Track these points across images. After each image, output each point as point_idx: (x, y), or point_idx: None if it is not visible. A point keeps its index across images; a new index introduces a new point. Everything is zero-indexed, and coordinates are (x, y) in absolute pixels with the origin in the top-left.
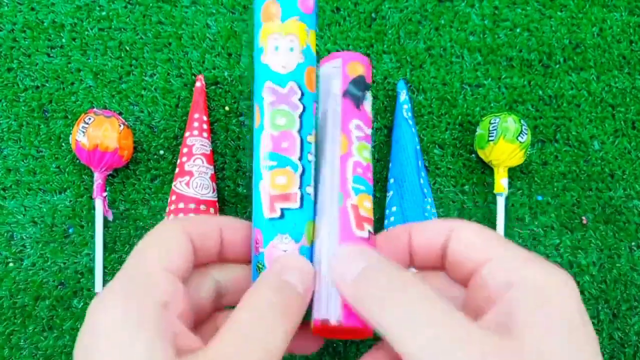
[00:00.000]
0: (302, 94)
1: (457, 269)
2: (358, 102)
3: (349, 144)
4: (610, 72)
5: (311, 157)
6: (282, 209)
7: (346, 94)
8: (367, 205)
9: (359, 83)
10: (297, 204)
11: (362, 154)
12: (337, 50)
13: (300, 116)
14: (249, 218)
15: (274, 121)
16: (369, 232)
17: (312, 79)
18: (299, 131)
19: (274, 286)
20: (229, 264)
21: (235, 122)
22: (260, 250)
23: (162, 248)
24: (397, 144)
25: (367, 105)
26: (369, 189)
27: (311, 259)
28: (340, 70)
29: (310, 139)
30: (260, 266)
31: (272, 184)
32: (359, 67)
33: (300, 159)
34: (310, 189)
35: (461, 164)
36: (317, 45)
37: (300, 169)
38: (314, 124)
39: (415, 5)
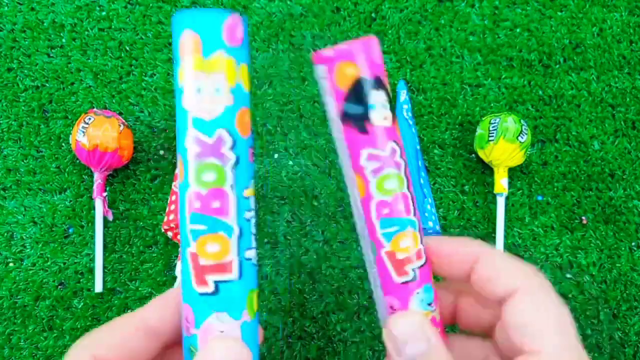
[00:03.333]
0: (234, 142)
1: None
2: (362, 122)
3: (365, 184)
4: (610, 72)
5: (249, 215)
6: (215, 282)
7: (344, 117)
8: (405, 245)
9: (358, 94)
10: (234, 275)
11: (385, 189)
12: None
13: (233, 168)
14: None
15: (200, 177)
16: (413, 270)
17: (247, 122)
18: (232, 186)
19: None
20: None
21: None
22: (192, 331)
23: None
24: None
25: (378, 114)
26: (404, 223)
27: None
28: (328, 82)
29: (248, 192)
30: (194, 349)
31: (201, 253)
32: (351, 69)
33: (237, 219)
34: (250, 253)
35: (461, 164)
36: (316, 45)
37: (236, 232)
38: (252, 173)
39: (415, 5)
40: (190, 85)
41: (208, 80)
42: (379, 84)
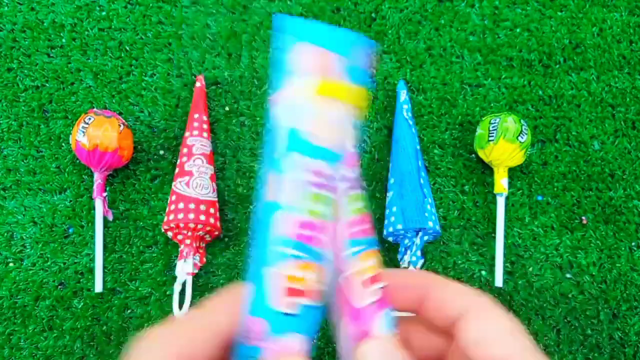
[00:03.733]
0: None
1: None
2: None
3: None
4: (610, 72)
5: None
6: (300, 305)
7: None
8: (370, 264)
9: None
10: (319, 302)
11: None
12: None
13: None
14: (248, 218)
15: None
16: (376, 291)
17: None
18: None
19: None
20: None
21: (235, 122)
22: (260, 344)
23: None
24: (397, 144)
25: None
26: (370, 243)
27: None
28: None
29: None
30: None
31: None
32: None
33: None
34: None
35: (461, 164)
36: None
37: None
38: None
39: (415, 5)
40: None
41: (340, 110)
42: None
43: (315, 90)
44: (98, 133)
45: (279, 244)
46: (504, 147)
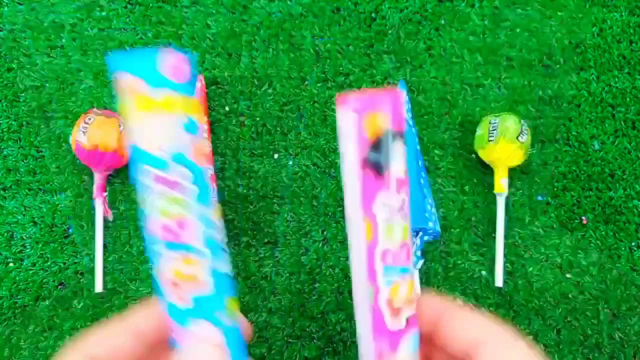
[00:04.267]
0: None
1: None
2: (381, 171)
3: (374, 230)
4: (610, 72)
5: (215, 234)
6: (192, 297)
7: (365, 164)
8: (402, 293)
9: (383, 144)
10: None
11: (393, 236)
12: (337, 51)
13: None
14: (249, 218)
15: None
16: (407, 319)
17: (204, 153)
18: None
19: None
20: None
21: (235, 122)
22: (174, 336)
23: None
24: None
25: (398, 166)
26: (404, 271)
27: None
28: (354, 128)
29: (213, 214)
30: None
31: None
32: (381, 119)
33: (204, 241)
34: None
35: (461, 164)
36: (316, 45)
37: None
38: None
39: (415, 5)
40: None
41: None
42: (402, 137)
43: (134, 108)
44: (98, 133)
45: (153, 244)
46: (504, 147)
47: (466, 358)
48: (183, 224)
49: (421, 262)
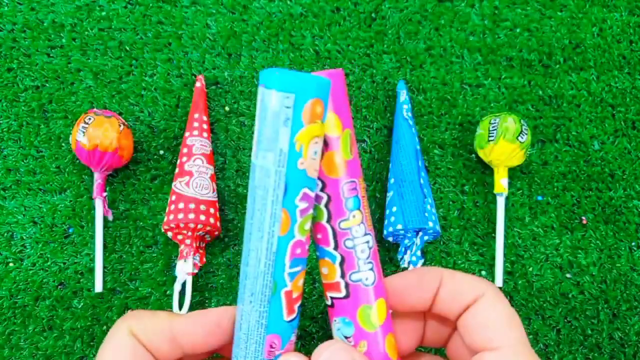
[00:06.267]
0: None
1: (462, 337)
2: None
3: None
4: (610, 72)
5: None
6: (298, 307)
7: None
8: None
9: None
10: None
11: (304, 228)
12: (337, 51)
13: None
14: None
15: (304, 227)
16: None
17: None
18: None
19: None
20: None
21: (235, 122)
22: (277, 352)
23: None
24: (397, 144)
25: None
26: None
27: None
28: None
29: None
30: None
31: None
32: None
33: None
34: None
35: (461, 164)
36: (316, 45)
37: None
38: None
39: (415, 5)
40: (310, 149)
41: (319, 143)
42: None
43: (308, 134)
44: (98, 133)
45: (290, 267)
46: (504, 147)
47: (462, 313)
48: (308, 238)
49: (421, 261)
